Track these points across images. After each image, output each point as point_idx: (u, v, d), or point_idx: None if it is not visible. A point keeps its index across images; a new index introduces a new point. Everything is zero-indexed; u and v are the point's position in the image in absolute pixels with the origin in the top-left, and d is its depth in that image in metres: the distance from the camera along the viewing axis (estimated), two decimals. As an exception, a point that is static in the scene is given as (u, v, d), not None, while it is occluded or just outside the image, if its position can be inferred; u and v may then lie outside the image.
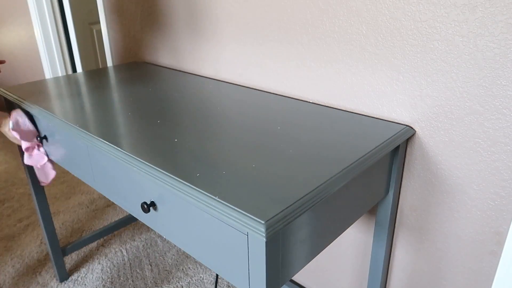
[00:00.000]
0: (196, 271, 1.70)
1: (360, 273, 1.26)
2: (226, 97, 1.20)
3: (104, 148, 0.89)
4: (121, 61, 1.95)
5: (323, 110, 1.08)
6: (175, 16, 1.53)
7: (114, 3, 1.81)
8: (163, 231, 0.85)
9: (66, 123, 1.01)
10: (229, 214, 0.63)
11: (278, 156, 0.80)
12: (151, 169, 0.77)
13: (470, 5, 0.81)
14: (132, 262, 1.75)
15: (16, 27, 2.96)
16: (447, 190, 0.96)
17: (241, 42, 1.31)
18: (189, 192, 0.70)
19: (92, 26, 2.67)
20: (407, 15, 0.91)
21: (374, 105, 1.03)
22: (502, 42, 0.79)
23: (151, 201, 0.85)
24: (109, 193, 1.00)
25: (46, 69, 2.84)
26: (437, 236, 1.02)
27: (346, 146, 0.85)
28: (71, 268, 1.72)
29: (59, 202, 2.23)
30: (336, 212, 0.80)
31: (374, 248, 1.10)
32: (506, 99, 0.81)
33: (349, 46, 1.04)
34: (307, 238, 0.74)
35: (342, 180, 0.74)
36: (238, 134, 0.92)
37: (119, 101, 1.17)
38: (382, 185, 0.97)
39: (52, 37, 2.72)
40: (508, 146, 0.84)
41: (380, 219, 1.06)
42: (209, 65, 1.47)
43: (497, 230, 0.91)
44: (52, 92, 1.27)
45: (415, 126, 0.97)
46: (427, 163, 0.98)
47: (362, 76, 1.03)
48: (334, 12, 1.04)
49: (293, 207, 0.64)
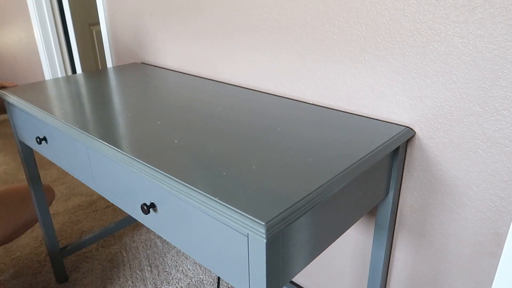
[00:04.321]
0: (196, 272, 1.69)
1: (360, 274, 1.26)
2: (226, 98, 1.20)
3: (104, 149, 0.89)
4: (120, 62, 1.95)
5: (323, 111, 1.08)
6: (174, 17, 1.53)
7: (114, 4, 1.81)
8: (163, 232, 0.85)
9: (66, 124, 1.01)
10: (229, 216, 0.63)
11: (278, 158, 0.80)
12: (151, 170, 0.77)
13: (470, 6, 0.81)
14: (131, 263, 1.75)
15: (15, 28, 2.96)
16: (447, 191, 0.96)
17: (242, 42, 1.31)
18: (189, 193, 0.70)
19: (91, 27, 2.67)
20: (406, 16, 0.91)
21: (373, 106, 1.03)
22: (501, 44, 0.79)
23: (151, 203, 0.85)
24: (108, 194, 1.00)
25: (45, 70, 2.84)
26: (436, 237, 1.02)
27: (346, 147, 0.85)
28: (71, 270, 1.72)
29: (59, 203, 2.23)
30: (336, 213, 0.80)
31: (374, 249, 1.10)
32: (505, 101, 0.81)
33: (349, 47, 1.04)
34: (307, 239, 0.74)
35: (342, 181, 0.74)
36: (238, 135, 0.92)
37: (118, 102, 1.17)
38: (382, 186, 0.97)
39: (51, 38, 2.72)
40: (507, 147, 0.84)
41: (380, 220, 1.06)
42: (209, 66, 1.47)
43: (496, 231, 0.91)
44: (52, 93, 1.27)
45: (415, 127, 0.97)
46: (426, 164, 0.98)
47: (361, 77, 1.04)
48: (334, 13, 1.04)
49: (293, 209, 0.64)
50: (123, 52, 1.90)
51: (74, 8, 2.49)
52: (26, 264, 1.75)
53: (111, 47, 1.96)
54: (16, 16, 2.87)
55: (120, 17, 1.81)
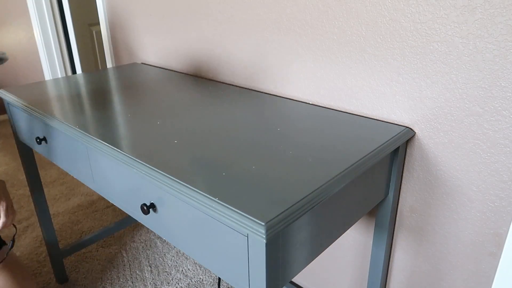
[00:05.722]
0: (196, 272, 1.69)
1: (360, 275, 1.26)
2: (225, 99, 1.20)
3: (104, 149, 0.89)
4: (120, 62, 1.95)
5: (322, 112, 1.08)
6: (174, 17, 1.53)
7: (114, 4, 1.81)
8: (163, 232, 0.85)
9: (66, 124, 1.01)
10: (229, 216, 0.63)
11: (278, 158, 0.80)
12: (151, 170, 0.77)
13: (470, 7, 0.81)
14: (131, 264, 1.75)
15: (15, 28, 2.96)
16: (447, 191, 0.96)
17: (242, 42, 1.31)
18: (189, 193, 0.70)
19: (91, 28, 2.67)
20: (406, 16, 0.91)
21: (373, 106, 1.03)
22: (501, 44, 0.79)
23: (151, 203, 0.85)
24: (108, 194, 1.00)
25: (45, 70, 2.84)
26: (436, 237, 1.02)
27: (346, 147, 0.85)
28: (71, 270, 1.72)
29: (59, 203, 2.23)
30: (336, 213, 0.80)
31: (374, 249, 1.10)
32: (505, 101, 0.81)
33: (349, 47, 1.04)
34: (307, 239, 0.74)
35: (342, 181, 0.74)
36: (238, 135, 0.92)
37: (118, 103, 1.17)
38: (381, 186, 0.97)
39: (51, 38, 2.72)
40: (507, 147, 0.84)
41: (380, 220, 1.06)
42: (209, 66, 1.47)
43: (496, 231, 0.91)
44: (52, 94, 1.27)
45: (415, 128, 0.97)
46: (426, 164, 0.98)
47: (361, 78, 1.04)
48: (334, 13, 1.04)
49: (293, 209, 0.64)
50: (123, 52, 1.90)
51: (74, 8, 2.49)
52: (26, 264, 1.75)
53: (111, 47, 1.96)
54: (16, 16, 2.87)
55: (120, 17, 1.81)
